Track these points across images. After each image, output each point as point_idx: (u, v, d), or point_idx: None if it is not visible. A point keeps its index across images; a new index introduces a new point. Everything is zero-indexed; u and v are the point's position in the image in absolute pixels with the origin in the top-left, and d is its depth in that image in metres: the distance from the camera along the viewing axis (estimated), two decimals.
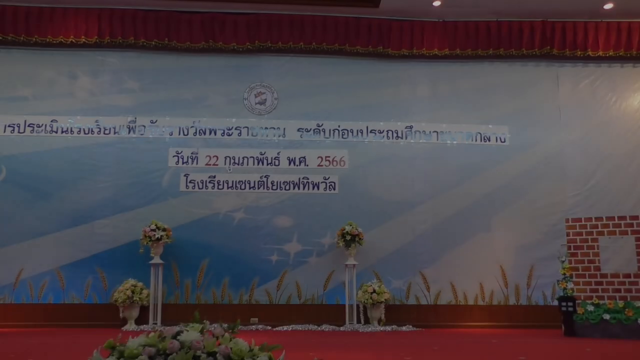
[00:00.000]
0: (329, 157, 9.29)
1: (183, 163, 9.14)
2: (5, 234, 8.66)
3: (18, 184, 8.85)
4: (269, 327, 8.49)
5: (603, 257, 7.32)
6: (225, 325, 2.75)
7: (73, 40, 9.09)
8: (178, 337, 2.56)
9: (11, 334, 7.57)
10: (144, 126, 9.22)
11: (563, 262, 7.64)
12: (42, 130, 9.06)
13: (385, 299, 8.43)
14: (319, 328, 8.48)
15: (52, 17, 9.07)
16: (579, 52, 9.48)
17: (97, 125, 9.16)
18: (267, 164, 9.22)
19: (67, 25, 9.08)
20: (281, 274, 8.93)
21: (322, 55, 9.50)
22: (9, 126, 9.02)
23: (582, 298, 7.36)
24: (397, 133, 9.44)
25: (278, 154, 9.26)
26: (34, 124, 9.06)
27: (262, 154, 9.24)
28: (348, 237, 8.56)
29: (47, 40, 9.06)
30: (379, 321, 8.51)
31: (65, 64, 9.30)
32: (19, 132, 9.03)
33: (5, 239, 8.64)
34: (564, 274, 7.56)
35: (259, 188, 9.14)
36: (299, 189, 9.17)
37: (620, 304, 7.11)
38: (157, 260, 8.50)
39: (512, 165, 9.38)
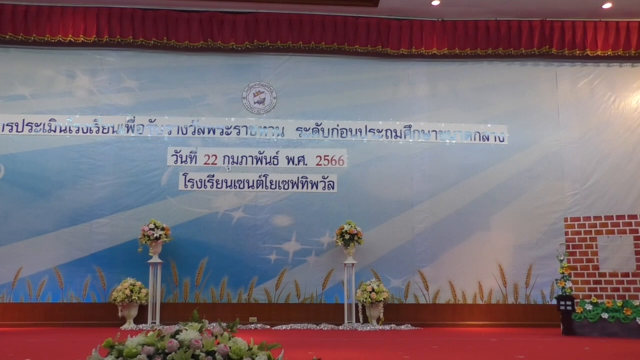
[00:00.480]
0: (327, 156, 9.29)
1: (182, 162, 9.14)
2: (3, 233, 8.66)
3: (17, 183, 8.85)
4: (268, 326, 8.49)
5: (601, 256, 7.33)
6: (224, 324, 2.75)
7: (72, 39, 9.08)
8: (177, 336, 2.56)
9: (10, 333, 7.57)
10: (143, 125, 9.22)
11: (562, 261, 7.65)
12: (40, 129, 9.06)
13: (384, 298, 8.43)
14: (318, 327, 8.48)
15: (51, 16, 9.06)
16: (578, 52, 9.49)
17: (96, 124, 9.15)
18: (266, 163, 9.22)
19: (65, 24, 9.07)
20: (280, 273, 8.93)
21: (321, 54, 9.51)
22: (7, 125, 9.01)
23: (581, 297, 7.38)
24: (395, 132, 9.44)
25: (277, 153, 9.26)
26: (32, 123, 9.06)
27: (260, 153, 9.24)
28: (347, 236, 8.56)
29: (45, 39, 9.05)
30: (378, 320, 8.51)
31: (63, 62, 9.29)
32: (17, 131, 9.02)
33: (4, 238, 8.64)
34: (563, 273, 7.57)
35: (257, 187, 9.14)
36: (297, 188, 9.17)
37: (619, 302, 7.12)
38: (155, 259, 8.49)
39: (511, 165, 9.39)
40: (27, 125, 9.05)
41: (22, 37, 9.02)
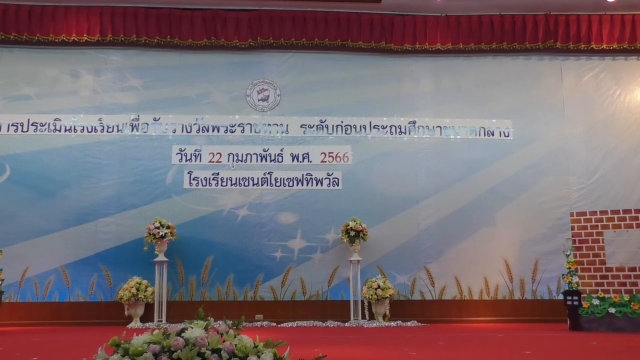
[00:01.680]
0: (332, 153, 9.28)
1: (186, 160, 9.15)
2: (10, 233, 8.67)
3: (22, 183, 8.88)
4: (274, 324, 8.50)
5: (608, 251, 7.29)
6: (230, 322, 2.75)
7: (75, 39, 9.10)
8: (183, 334, 2.56)
9: (17, 332, 7.60)
10: (147, 124, 9.23)
11: (568, 256, 7.61)
12: (45, 129, 9.08)
13: (389, 295, 8.42)
14: (324, 324, 8.48)
15: (54, 16, 9.08)
16: (583, 46, 9.44)
17: (100, 123, 9.17)
18: (271, 161, 9.22)
19: (69, 24, 9.09)
20: (285, 270, 8.93)
21: (325, 51, 9.49)
22: (12, 125, 9.04)
23: (588, 292, 7.34)
24: (400, 128, 9.42)
25: (281, 150, 9.26)
26: (37, 123, 9.08)
27: (265, 151, 9.24)
28: (352, 233, 8.55)
29: (49, 38, 9.07)
30: (384, 317, 8.50)
31: (67, 62, 9.31)
32: (22, 131, 9.05)
33: (11, 238, 8.65)
34: (569, 267, 7.54)
35: (262, 185, 9.14)
36: (302, 185, 9.17)
37: (626, 297, 7.09)
38: (161, 257, 8.51)
39: (516, 160, 9.35)
40: (32, 125, 9.07)
41: (26, 37, 9.05)
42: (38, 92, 9.19)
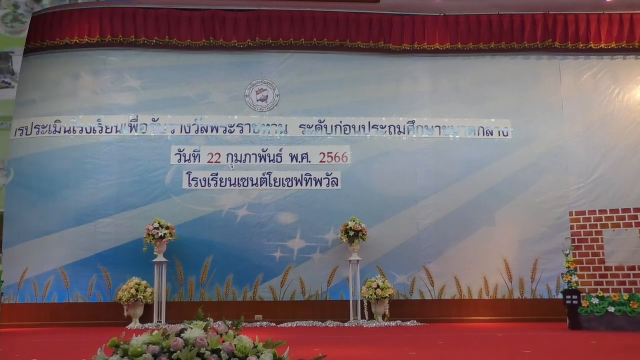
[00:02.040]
0: (331, 153, 9.28)
1: (185, 161, 9.14)
2: (10, 234, 8.66)
3: (22, 185, 8.88)
4: (273, 324, 8.50)
5: (607, 250, 7.30)
6: (229, 322, 2.75)
7: (77, 41, 9.11)
8: (182, 335, 2.55)
9: (16, 333, 7.60)
10: (146, 124, 9.22)
11: (567, 255, 7.62)
12: (46, 130, 9.08)
13: (389, 294, 8.42)
14: (323, 324, 8.48)
15: (54, 20, 9.14)
16: (581, 45, 9.45)
17: (99, 124, 9.16)
18: (270, 161, 9.21)
19: (72, 26, 9.15)
20: (285, 271, 8.93)
21: (323, 51, 9.49)
22: (18, 129, 9.05)
23: (587, 291, 7.35)
24: (399, 128, 9.42)
25: (280, 150, 9.25)
26: (39, 125, 9.09)
27: (264, 151, 9.24)
28: (351, 233, 8.55)
29: (55, 42, 9.17)
30: (383, 316, 8.50)
31: (68, 64, 9.32)
32: (26, 134, 9.05)
33: (10, 239, 8.65)
34: (569, 267, 7.54)
35: (261, 185, 9.13)
36: (301, 185, 9.16)
37: (625, 296, 7.09)
38: (160, 258, 8.50)
39: (515, 159, 9.35)
40: (34, 127, 9.08)
41: (31, 45, 9.06)
42: (42, 96, 9.20)
